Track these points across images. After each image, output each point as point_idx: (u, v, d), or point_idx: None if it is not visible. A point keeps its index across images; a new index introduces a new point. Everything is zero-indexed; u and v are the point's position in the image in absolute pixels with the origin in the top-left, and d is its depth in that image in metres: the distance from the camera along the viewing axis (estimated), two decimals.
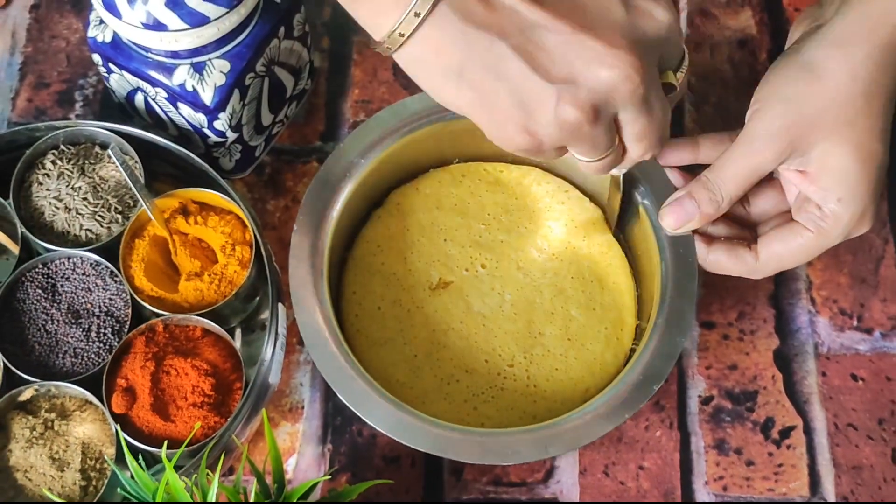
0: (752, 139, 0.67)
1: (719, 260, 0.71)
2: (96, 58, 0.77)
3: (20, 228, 0.75)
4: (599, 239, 0.78)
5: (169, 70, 0.74)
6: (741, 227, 0.73)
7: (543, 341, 0.75)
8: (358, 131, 0.75)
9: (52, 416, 0.72)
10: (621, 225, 0.77)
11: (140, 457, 0.65)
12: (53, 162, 0.78)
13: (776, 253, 0.69)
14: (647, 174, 0.74)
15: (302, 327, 0.69)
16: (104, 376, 0.71)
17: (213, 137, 0.78)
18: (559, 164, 0.79)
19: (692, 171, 0.72)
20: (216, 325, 0.73)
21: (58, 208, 0.76)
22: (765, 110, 0.67)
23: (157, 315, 0.74)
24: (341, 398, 0.67)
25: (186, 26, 0.70)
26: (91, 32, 0.76)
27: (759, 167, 0.67)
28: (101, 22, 0.75)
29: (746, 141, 0.67)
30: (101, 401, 0.71)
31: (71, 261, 0.75)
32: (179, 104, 0.76)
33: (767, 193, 0.72)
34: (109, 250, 0.75)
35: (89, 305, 0.74)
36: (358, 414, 0.67)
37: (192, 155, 0.77)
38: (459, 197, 0.79)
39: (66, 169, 0.77)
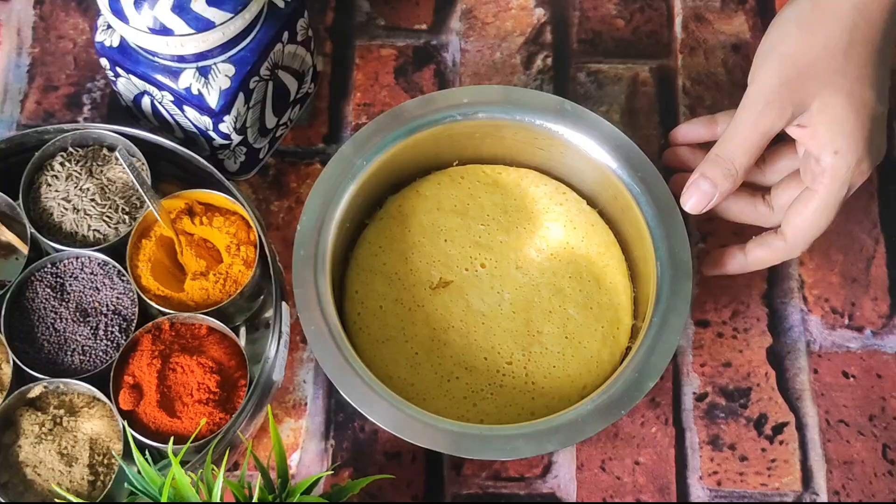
0: (755, 102, 0.67)
1: (757, 255, 0.72)
2: (104, 62, 0.77)
3: (29, 229, 0.75)
4: (597, 239, 0.78)
5: (175, 74, 0.74)
6: (755, 188, 0.74)
7: (542, 339, 0.75)
8: (359, 134, 0.75)
9: (61, 412, 0.72)
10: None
11: (147, 452, 0.65)
12: (62, 164, 0.78)
13: (798, 226, 0.70)
14: (644, 178, 0.74)
15: (305, 326, 0.69)
16: (111, 373, 0.71)
17: (219, 140, 0.78)
18: (557, 166, 0.79)
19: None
20: (221, 324, 0.73)
21: (66, 209, 0.76)
22: (762, 70, 0.67)
23: (164, 314, 0.74)
24: (344, 395, 0.68)
25: (192, 31, 0.70)
26: (99, 37, 0.76)
27: (767, 130, 0.67)
28: (109, 27, 0.75)
29: (750, 105, 0.67)
30: (109, 397, 0.71)
31: (79, 260, 0.76)
32: (185, 107, 0.76)
33: (780, 152, 0.72)
34: (117, 250, 0.75)
35: (97, 304, 0.75)
36: (360, 411, 0.67)
37: (197, 157, 0.77)
38: (459, 198, 0.79)
39: (75, 171, 0.77)
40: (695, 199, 0.70)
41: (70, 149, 0.78)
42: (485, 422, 0.72)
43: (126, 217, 0.77)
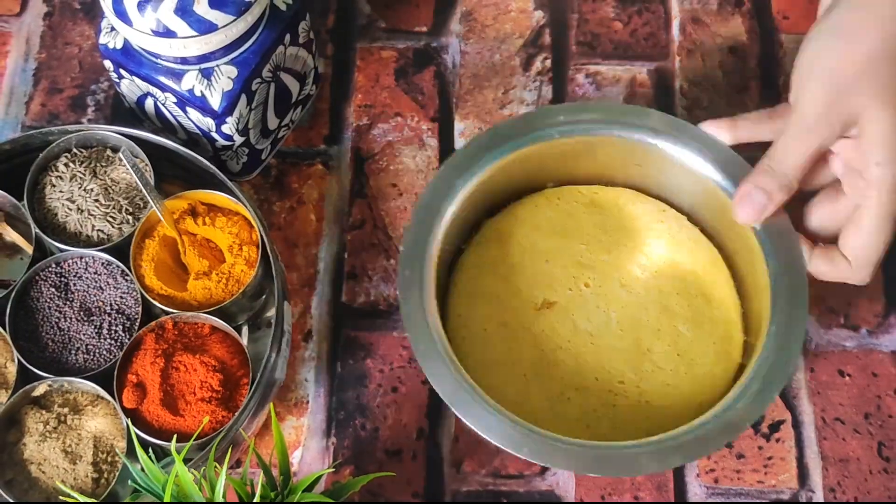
0: (805, 121, 0.66)
1: (819, 267, 0.69)
2: (108, 64, 0.77)
3: (34, 229, 0.75)
4: (701, 255, 0.76)
5: (178, 76, 0.74)
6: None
7: (653, 357, 0.73)
8: (457, 154, 0.73)
9: (65, 410, 0.72)
10: None
11: (150, 450, 0.65)
12: (66, 165, 0.78)
13: (857, 248, 0.67)
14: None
15: (415, 347, 0.67)
16: (115, 372, 0.71)
17: (221, 141, 0.78)
18: (653, 184, 0.77)
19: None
20: (224, 323, 0.73)
21: (70, 209, 0.76)
22: (806, 90, 0.66)
23: (167, 313, 0.73)
24: (459, 416, 0.66)
25: (195, 33, 0.70)
26: (102, 39, 0.76)
27: (817, 150, 0.66)
28: (113, 29, 0.75)
29: (801, 124, 0.66)
30: (113, 396, 0.71)
31: (83, 260, 0.75)
32: (188, 109, 0.75)
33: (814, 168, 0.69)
34: (120, 250, 0.75)
35: (101, 303, 0.74)
36: (477, 431, 0.65)
37: (200, 158, 0.77)
38: (557, 219, 0.77)
39: (79, 171, 0.77)
40: (750, 210, 0.68)
41: (74, 150, 0.78)
42: None
43: (129, 217, 0.77)
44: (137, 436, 0.69)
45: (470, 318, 0.74)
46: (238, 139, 0.78)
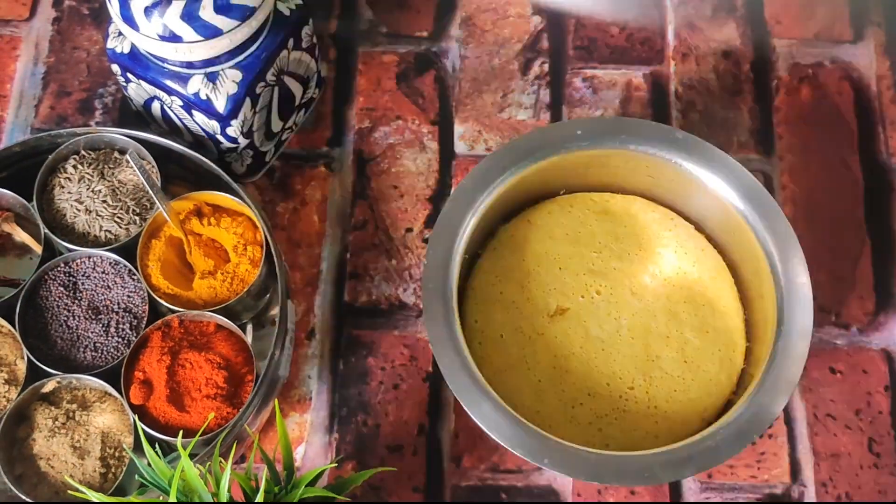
0: None
1: None
2: (115, 68, 0.77)
3: (43, 229, 0.75)
4: (708, 264, 0.77)
5: (184, 79, 0.74)
6: None
7: (661, 364, 0.74)
8: (478, 168, 0.73)
9: (74, 406, 0.72)
10: None
11: (157, 445, 0.65)
12: (75, 166, 0.78)
13: None
14: (759, 203, 0.72)
15: (440, 360, 0.68)
16: (123, 369, 0.72)
17: (226, 143, 0.78)
18: (664, 193, 0.78)
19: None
20: (229, 321, 0.73)
21: (79, 210, 0.76)
22: None
23: (173, 311, 0.74)
24: (484, 428, 0.66)
25: (200, 38, 0.70)
26: (110, 44, 0.76)
27: None
28: (120, 34, 0.75)
29: None
30: (120, 392, 0.71)
31: (91, 260, 0.76)
32: (194, 112, 0.76)
33: None
34: (128, 250, 0.75)
35: (108, 302, 0.75)
36: (499, 442, 0.66)
37: (205, 160, 0.77)
38: (570, 226, 0.78)
39: (87, 173, 0.77)
40: None
41: (82, 152, 0.79)
42: (610, 446, 0.72)
43: (136, 218, 0.77)
44: (144, 431, 0.69)
45: (486, 325, 0.75)
46: (243, 141, 0.78)
